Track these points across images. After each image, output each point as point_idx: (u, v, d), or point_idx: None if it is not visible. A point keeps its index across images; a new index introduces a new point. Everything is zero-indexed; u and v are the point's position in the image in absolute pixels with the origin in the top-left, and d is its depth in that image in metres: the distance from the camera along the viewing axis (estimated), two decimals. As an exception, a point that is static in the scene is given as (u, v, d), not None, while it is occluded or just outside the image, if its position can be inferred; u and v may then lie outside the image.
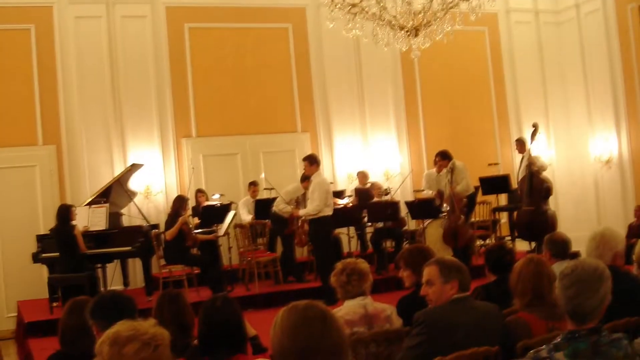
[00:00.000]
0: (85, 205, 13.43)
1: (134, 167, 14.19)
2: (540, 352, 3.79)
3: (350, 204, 15.06)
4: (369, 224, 15.29)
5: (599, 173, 17.88)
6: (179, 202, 13.26)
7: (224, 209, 14.12)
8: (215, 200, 14.88)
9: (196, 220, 14.49)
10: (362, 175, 16.18)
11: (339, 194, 15.59)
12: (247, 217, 15.06)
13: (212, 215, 14.15)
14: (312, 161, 13.09)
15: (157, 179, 15.47)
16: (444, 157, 14.27)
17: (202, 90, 16.03)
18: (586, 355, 3.68)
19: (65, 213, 12.36)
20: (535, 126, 15.02)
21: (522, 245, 15.47)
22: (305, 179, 13.63)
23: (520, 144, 15.70)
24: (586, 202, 18.17)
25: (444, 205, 14.01)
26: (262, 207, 14.46)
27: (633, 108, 17.11)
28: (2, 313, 14.24)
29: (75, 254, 12.27)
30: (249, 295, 13.38)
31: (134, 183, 14.48)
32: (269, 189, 15.08)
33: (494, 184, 15.89)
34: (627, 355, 3.74)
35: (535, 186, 14.58)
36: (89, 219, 13.08)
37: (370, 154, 17.16)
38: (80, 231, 12.37)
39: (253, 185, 15.45)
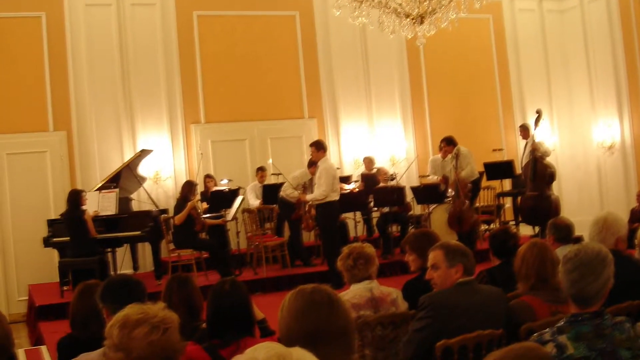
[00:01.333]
0: (96, 190, 13.48)
1: (144, 153, 14.22)
2: (543, 335, 3.83)
3: (357, 189, 15.14)
4: (375, 208, 15.30)
5: (601, 158, 17.86)
6: (188, 187, 13.30)
7: (232, 194, 14.14)
8: (223, 185, 14.83)
9: (205, 205, 14.49)
10: (368, 161, 16.17)
11: (346, 179, 15.57)
12: (255, 202, 15.11)
13: (221, 200, 14.19)
14: (319, 147, 13.11)
15: (166, 165, 15.52)
16: (449, 143, 14.31)
17: (211, 77, 16.04)
18: (589, 338, 3.73)
19: (75, 198, 12.41)
20: (538, 112, 14.94)
21: (526, 230, 15.46)
22: (312, 164, 13.65)
23: (524, 130, 15.73)
24: (589, 187, 18.15)
25: (449, 190, 14.04)
26: (270, 192, 14.51)
27: (635, 95, 17.12)
28: (14, 296, 14.32)
29: (86, 238, 12.30)
30: (257, 279, 13.45)
31: (143, 168, 14.52)
32: (277, 174, 15.06)
33: (498, 169, 15.92)
34: (630, 338, 3.79)
35: (539, 171, 14.53)
36: (99, 203, 13.11)
37: (377, 139, 17.18)
38: (90, 216, 12.40)
39: (261, 170, 15.50)
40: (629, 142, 17.31)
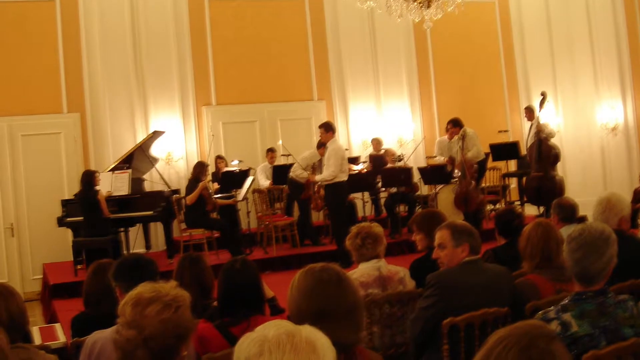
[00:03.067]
0: (109, 171, 13.56)
1: (156, 134, 14.24)
2: (548, 312, 3.92)
3: (365, 170, 15.23)
4: (383, 189, 15.43)
5: (605, 140, 17.82)
6: (199, 168, 13.40)
7: (243, 174, 14.20)
8: (234, 166, 14.94)
9: (216, 186, 14.55)
10: (376, 142, 16.30)
11: (354, 160, 15.71)
12: (265, 182, 15.18)
13: (231, 180, 14.23)
14: (327, 128, 13.17)
15: (178, 146, 15.61)
16: (455, 125, 14.38)
17: (222, 60, 16.09)
18: (592, 315, 3.82)
19: (89, 178, 12.47)
20: (543, 94, 15.05)
21: (531, 210, 15.49)
22: (321, 145, 13.71)
23: (529, 112, 15.75)
24: (593, 168, 18.08)
25: (456, 171, 14.11)
26: (280, 173, 14.60)
27: (638, 77, 17.15)
28: (28, 275, 14.45)
29: (99, 218, 12.39)
30: (267, 258, 13.57)
31: (155, 149, 14.53)
32: (286, 155, 15.19)
33: (504, 150, 15.94)
34: (632, 316, 3.91)
35: (544, 152, 14.62)
36: (112, 184, 13.21)
37: (384, 121, 17.27)
38: (103, 196, 12.47)
39: (271, 151, 15.58)
40: (632, 124, 17.37)
